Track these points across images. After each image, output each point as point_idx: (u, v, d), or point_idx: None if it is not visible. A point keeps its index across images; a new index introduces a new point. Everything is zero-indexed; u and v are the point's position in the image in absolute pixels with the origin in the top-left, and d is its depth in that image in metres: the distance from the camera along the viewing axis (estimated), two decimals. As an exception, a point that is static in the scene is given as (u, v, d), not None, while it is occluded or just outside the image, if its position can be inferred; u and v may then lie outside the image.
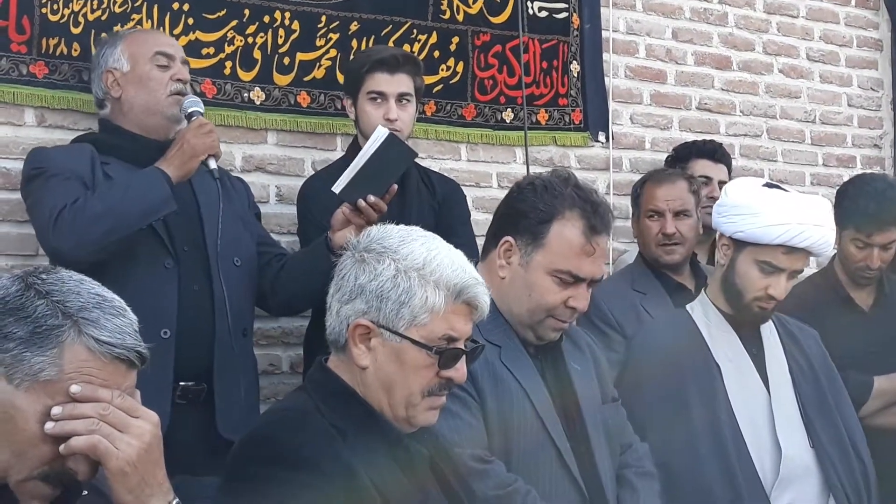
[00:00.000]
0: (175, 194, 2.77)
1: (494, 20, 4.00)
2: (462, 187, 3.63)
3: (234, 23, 3.53)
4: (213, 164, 2.85)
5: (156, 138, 2.90)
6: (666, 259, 3.61)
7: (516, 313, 2.36)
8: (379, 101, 3.27)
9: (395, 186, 2.87)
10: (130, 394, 1.53)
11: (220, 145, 2.89)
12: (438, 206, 3.38)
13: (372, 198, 2.78)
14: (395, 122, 3.22)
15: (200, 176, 2.90)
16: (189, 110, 2.90)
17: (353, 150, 3.33)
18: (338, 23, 3.70)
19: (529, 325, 2.37)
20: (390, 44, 3.75)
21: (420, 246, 1.85)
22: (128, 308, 1.54)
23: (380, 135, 2.79)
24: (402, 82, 3.30)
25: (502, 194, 2.52)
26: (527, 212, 2.36)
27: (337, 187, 2.82)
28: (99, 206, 2.66)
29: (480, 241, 2.73)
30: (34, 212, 2.77)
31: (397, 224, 1.95)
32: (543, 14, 4.11)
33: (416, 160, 3.47)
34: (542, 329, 2.38)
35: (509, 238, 2.35)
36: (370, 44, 3.71)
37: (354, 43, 3.73)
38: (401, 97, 3.30)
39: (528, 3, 4.04)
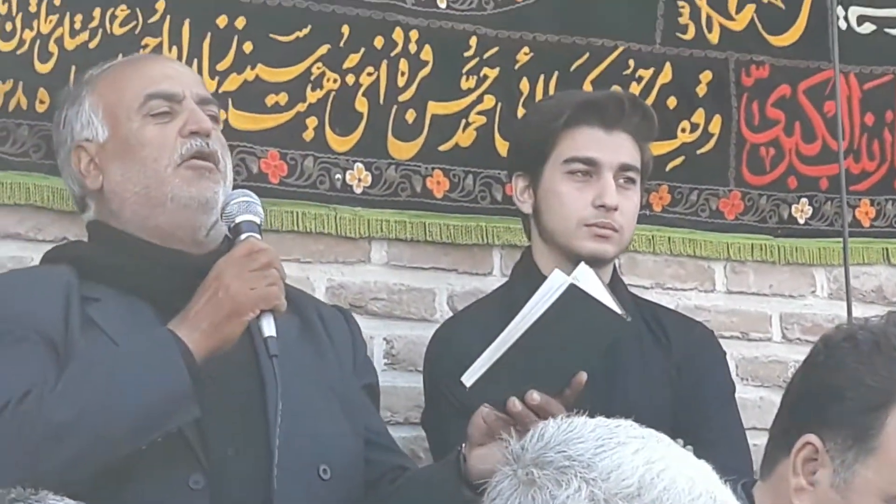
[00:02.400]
0: (201, 381, 2.58)
1: (776, 41, 3.91)
2: (719, 340, 3.56)
3: (323, 49, 3.43)
4: (268, 330, 2.64)
5: (177, 246, 2.78)
6: None
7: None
8: (586, 175, 3.25)
9: (584, 376, 2.77)
10: None
11: (290, 269, 2.70)
12: (678, 374, 3.33)
13: (536, 395, 2.71)
14: (613, 214, 3.20)
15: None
16: (238, 219, 2.72)
17: (524, 281, 3.23)
18: (497, 49, 3.59)
19: None
20: (587, 86, 3.63)
21: (633, 455, 1.74)
22: None
23: (556, 283, 2.71)
24: (623, 146, 3.26)
25: (793, 353, 2.31)
26: (844, 390, 2.31)
27: (469, 377, 2.73)
28: (63, 411, 2.53)
29: (755, 439, 2.46)
30: None
31: (594, 414, 1.78)
32: (867, 29, 4.01)
33: (637, 292, 3.22)
34: None
35: (812, 438, 2.29)
36: (551, 87, 3.63)
37: (525, 84, 3.62)
38: (623, 171, 3.27)
39: (840, 10, 3.92)
